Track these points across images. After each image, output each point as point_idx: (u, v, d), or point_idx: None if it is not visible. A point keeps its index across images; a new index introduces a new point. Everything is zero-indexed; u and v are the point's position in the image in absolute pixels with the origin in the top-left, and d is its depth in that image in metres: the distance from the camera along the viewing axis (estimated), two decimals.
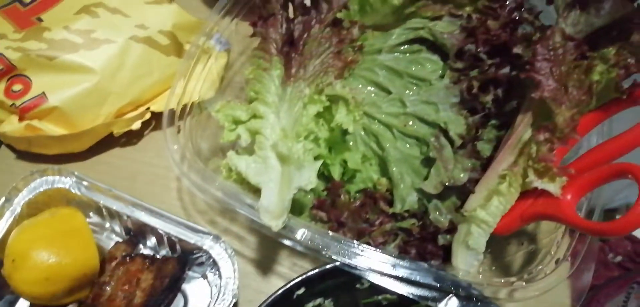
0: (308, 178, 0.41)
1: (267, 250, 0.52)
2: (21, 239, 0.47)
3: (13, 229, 0.49)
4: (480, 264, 0.43)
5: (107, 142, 0.56)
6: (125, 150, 0.58)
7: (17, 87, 0.52)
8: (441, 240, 0.45)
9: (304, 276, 0.40)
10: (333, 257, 0.40)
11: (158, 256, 0.53)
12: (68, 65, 0.52)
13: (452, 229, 0.44)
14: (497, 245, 0.47)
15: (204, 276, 0.52)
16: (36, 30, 0.53)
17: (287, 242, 0.42)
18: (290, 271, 0.50)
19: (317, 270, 0.40)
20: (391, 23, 0.51)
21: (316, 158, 0.44)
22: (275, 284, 0.50)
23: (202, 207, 0.54)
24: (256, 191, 0.44)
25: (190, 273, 0.53)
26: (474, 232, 0.43)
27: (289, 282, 0.40)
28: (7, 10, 0.55)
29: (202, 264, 0.52)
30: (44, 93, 0.52)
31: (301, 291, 0.41)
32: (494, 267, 0.48)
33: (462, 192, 0.44)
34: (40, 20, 0.54)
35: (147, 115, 0.56)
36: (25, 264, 0.46)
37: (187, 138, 0.49)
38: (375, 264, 0.40)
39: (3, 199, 0.49)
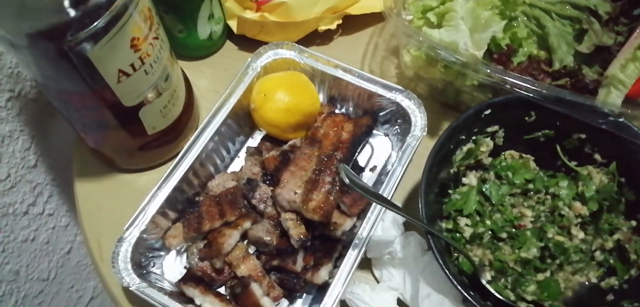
0: (495, 32, 0.57)
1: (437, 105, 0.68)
2: (270, 82, 0.64)
3: (255, 82, 0.67)
4: None
5: (308, 40, 0.75)
6: (320, 48, 0.76)
7: None
8: None
9: (492, 100, 0.56)
10: (515, 89, 0.55)
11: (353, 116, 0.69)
12: None
13: (594, 90, 0.59)
14: None
15: (386, 134, 0.69)
16: None
17: (481, 77, 0.57)
18: None
19: (502, 98, 0.56)
20: None
21: None
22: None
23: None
24: None
25: (375, 131, 0.69)
26: (612, 92, 0.57)
27: (482, 103, 0.56)
28: None
29: (387, 121, 0.68)
30: None
31: (488, 111, 0.56)
32: None
33: (604, 61, 0.59)
34: None
35: (340, 21, 0.74)
36: (273, 97, 0.63)
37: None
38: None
39: (249, 59, 0.68)
